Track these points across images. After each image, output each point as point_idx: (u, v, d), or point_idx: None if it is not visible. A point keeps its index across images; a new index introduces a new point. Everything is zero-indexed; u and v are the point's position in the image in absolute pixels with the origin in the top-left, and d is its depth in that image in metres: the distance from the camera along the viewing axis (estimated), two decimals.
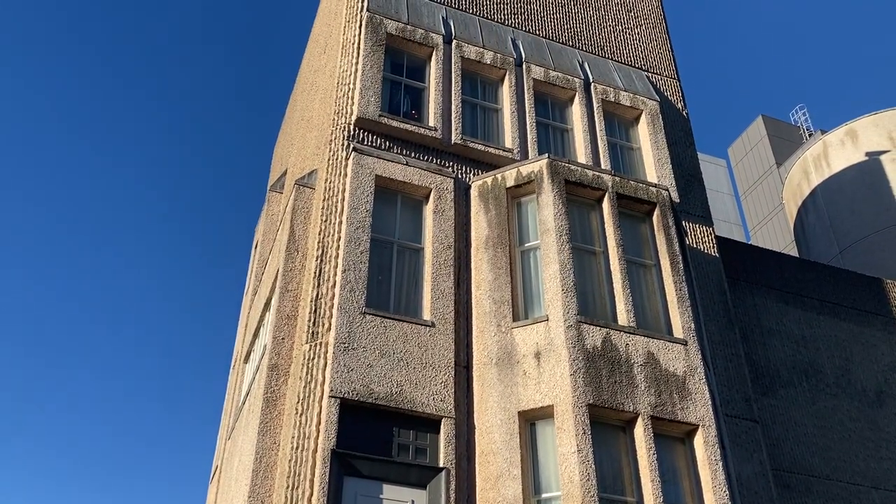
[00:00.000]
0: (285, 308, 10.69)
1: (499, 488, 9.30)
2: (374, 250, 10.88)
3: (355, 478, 9.09)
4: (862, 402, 14.59)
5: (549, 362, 9.93)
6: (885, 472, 13.79)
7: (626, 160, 13.93)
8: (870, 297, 16.27)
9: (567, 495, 8.96)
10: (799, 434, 13.62)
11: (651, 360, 10.25)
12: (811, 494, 12.96)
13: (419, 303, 10.77)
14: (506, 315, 10.61)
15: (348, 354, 9.75)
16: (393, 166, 11.58)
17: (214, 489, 13.70)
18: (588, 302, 10.70)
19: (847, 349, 15.22)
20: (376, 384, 9.67)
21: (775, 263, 15.91)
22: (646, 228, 11.82)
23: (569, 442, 9.26)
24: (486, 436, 9.78)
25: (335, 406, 9.32)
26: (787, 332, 14.91)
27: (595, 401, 9.61)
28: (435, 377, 10.04)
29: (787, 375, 14.33)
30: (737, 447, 11.35)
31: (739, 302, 14.81)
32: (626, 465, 9.54)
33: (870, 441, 14.08)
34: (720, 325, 12.78)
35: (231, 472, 11.53)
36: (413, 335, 10.26)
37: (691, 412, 10.00)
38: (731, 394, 11.97)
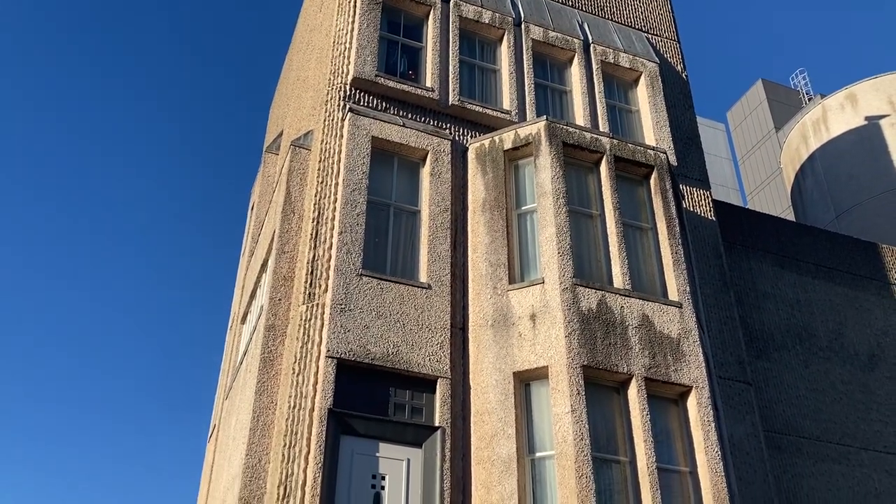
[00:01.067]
0: (282, 269, 10.70)
1: (493, 447, 9.42)
2: (371, 212, 10.86)
3: (352, 436, 9.20)
4: (854, 365, 14.73)
5: (545, 324, 9.98)
6: (874, 433, 13.98)
7: (624, 123, 13.85)
8: (865, 261, 16.32)
9: (560, 454, 9.08)
10: (791, 396, 13.76)
11: (646, 323, 10.31)
12: (801, 455, 13.14)
13: (416, 265, 10.79)
14: (502, 278, 10.64)
15: (345, 316, 9.79)
16: (389, 127, 11.51)
17: (212, 447, 13.85)
18: (584, 265, 10.72)
19: (841, 313, 15.31)
20: (373, 345, 9.72)
21: (772, 228, 15.93)
22: (643, 191, 11.80)
23: (563, 402, 9.36)
24: (482, 396, 9.87)
25: (332, 366, 9.39)
26: (781, 295, 14.99)
27: (589, 362, 9.68)
28: (431, 338, 10.10)
29: (780, 339, 14.44)
30: (730, 409, 11.48)
31: (735, 265, 14.86)
32: (619, 425, 9.65)
33: (861, 404, 14.24)
34: (715, 288, 12.83)
35: (229, 430, 11.65)
36: (409, 297, 10.29)
37: (685, 374, 10.09)
38: (725, 356, 12.07)
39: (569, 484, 8.84)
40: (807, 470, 13.03)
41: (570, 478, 8.86)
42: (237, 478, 9.34)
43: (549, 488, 9.14)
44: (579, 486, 8.80)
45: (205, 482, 13.88)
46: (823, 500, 12.83)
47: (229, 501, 9.66)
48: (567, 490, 8.82)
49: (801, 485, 12.81)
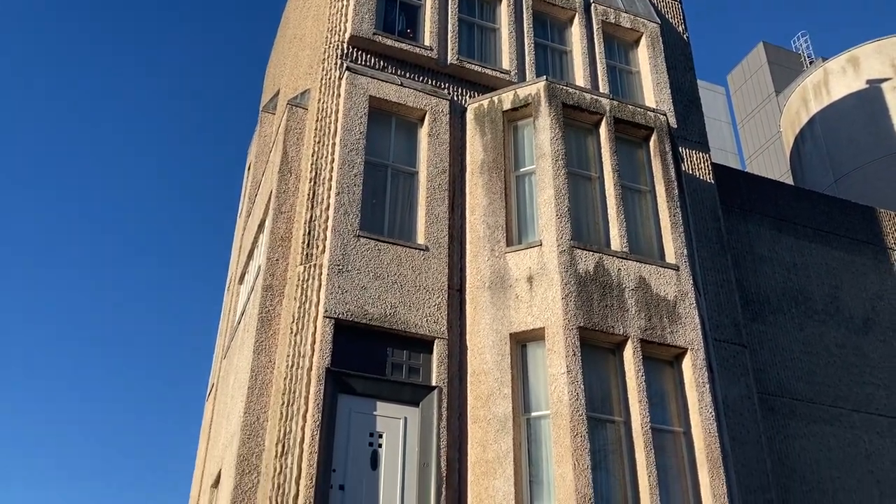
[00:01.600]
0: (279, 230, 10.69)
1: (489, 406, 9.51)
2: (368, 173, 10.82)
3: (349, 395, 9.27)
4: (849, 328, 14.83)
5: (542, 286, 10.01)
6: (866, 396, 14.13)
7: (624, 84, 13.73)
8: (862, 225, 16.34)
9: (556, 414, 9.17)
10: (785, 359, 13.87)
11: (643, 285, 10.34)
12: (794, 417, 13.29)
13: (413, 227, 10.78)
14: (499, 240, 10.63)
15: (342, 276, 9.80)
16: (387, 87, 11.40)
17: (211, 406, 13.97)
18: (582, 227, 10.71)
19: (837, 277, 15.37)
20: (370, 305, 9.75)
21: (770, 191, 15.91)
22: (642, 154, 11.74)
23: (559, 363, 9.43)
24: (478, 356, 9.93)
25: (330, 326, 9.43)
26: (778, 259, 15.02)
27: (586, 324, 9.73)
28: (428, 299, 10.13)
29: (776, 302, 14.51)
30: (724, 371, 11.58)
31: (733, 229, 14.86)
32: (614, 386, 9.73)
33: (854, 367, 14.37)
34: (713, 251, 12.85)
35: (227, 389, 11.74)
36: (407, 258, 10.30)
37: (680, 336, 10.15)
38: (720, 319, 12.13)
39: (564, 443, 8.95)
40: (799, 431, 13.19)
41: (566, 437, 8.96)
42: (236, 435, 9.44)
43: (545, 447, 9.25)
44: (574, 444, 8.90)
45: (203, 440, 14.03)
46: (814, 460, 13.01)
47: (228, 459, 9.77)
48: (562, 449, 8.93)
49: (793, 445, 12.98)
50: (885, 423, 13.95)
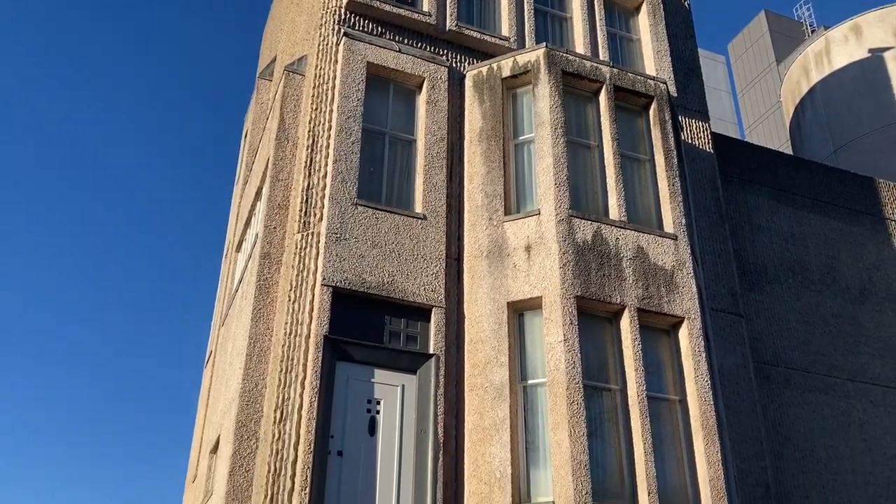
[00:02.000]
0: (276, 197, 10.64)
1: (486, 374, 9.56)
2: (366, 141, 10.75)
3: (347, 362, 9.31)
4: (845, 298, 14.88)
5: (540, 255, 10.01)
6: (861, 365, 14.22)
7: (624, 51, 13.60)
8: (861, 196, 16.32)
9: (552, 382, 9.22)
10: (782, 329, 13.94)
11: (640, 254, 10.34)
12: (789, 386, 13.39)
13: (411, 195, 10.74)
14: (498, 209, 10.60)
15: (340, 245, 9.78)
16: (385, 53, 11.28)
17: (209, 373, 14.03)
18: (580, 196, 10.68)
19: (834, 247, 15.38)
20: (368, 274, 9.75)
21: (769, 161, 15.86)
22: (642, 122, 11.67)
23: (556, 332, 9.46)
24: (476, 325, 9.96)
25: (327, 294, 9.43)
26: (776, 229, 15.02)
27: (583, 293, 9.74)
28: (426, 268, 10.13)
29: (773, 272, 14.53)
30: (721, 340, 11.63)
31: (731, 198, 14.84)
32: (611, 355, 9.78)
33: (849, 336, 14.44)
34: (711, 220, 12.84)
35: (225, 356, 11.78)
36: (405, 227, 10.27)
37: (677, 305, 10.18)
38: (717, 288, 12.16)
39: (560, 410, 9.01)
40: (793, 400, 13.29)
41: (562, 404, 9.02)
42: (234, 401, 9.49)
43: (541, 414, 9.32)
44: (570, 412, 8.97)
45: (202, 407, 14.11)
46: (808, 428, 13.13)
47: (227, 425, 9.83)
48: (558, 416, 8.99)
49: (787, 414, 13.09)
50: (879, 391, 14.06)
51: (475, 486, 9.03)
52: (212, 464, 11.05)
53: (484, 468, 9.06)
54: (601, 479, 8.94)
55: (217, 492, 9.46)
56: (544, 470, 9.01)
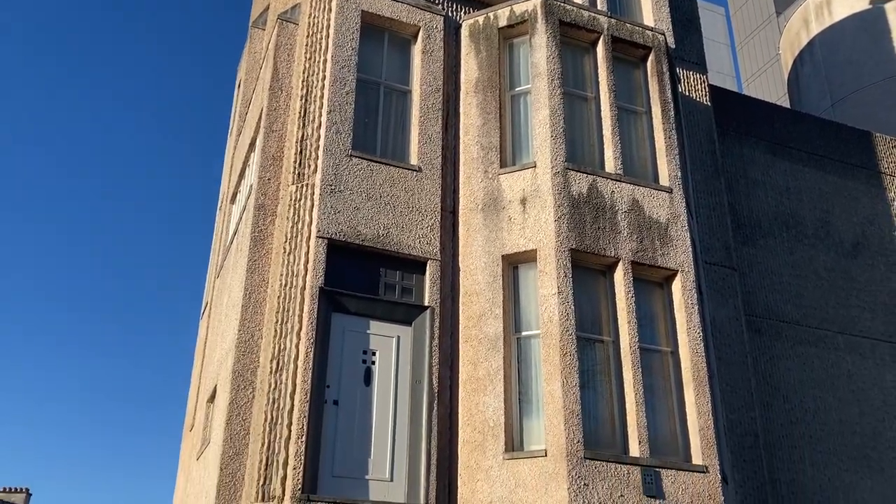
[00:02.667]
0: (270, 148, 10.57)
1: (481, 326, 9.63)
2: (360, 91, 10.64)
3: (343, 314, 9.36)
4: (838, 252, 14.95)
5: (535, 208, 10.00)
6: (852, 318, 14.36)
7: (622, 1, 13.38)
8: (857, 150, 16.28)
9: (546, 333, 9.30)
10: (774, 282, 14.03)
11: (635, 207, 10.34)
12: (780, 339, 13.54)
13: (406, 147, 10.68)
14: (493, 161, 10.56)
15: (335, 196, 9.76)
16: (380, 1, 11.09)
17: (205, 324, 14.11)
18: (576, 148, 10.63)
19: (829, 201, 15.40)
20: (363, 226, 9.75)
21: (766, 114, 15.76)
22: (639, 74, 11.56)
23: (550, 284, 9.50)
24: (471, 277, 10.00)
25: (322, 246, 9.44)
26: (772, 183, 15.01)
27: (577, 246, 9.77)
28: (421, 221, 10.12)
29: (767, 226, 14.57)
30: (714, 293, 11.71)
31: (727, 152, 14.79)
32: (604, 307, 9.85)
33: (841, 290, 14.55)
34: (706, 174, 12.81)
35: (221, 307, 11.83)
36: (400, 179, 10.24)
37: (671, 258, 10.22)
38: (711, 242, 12.20)
39: (553, 361, 9.11)
40: (784, 352, 13.45)
41: (555, 355, 9.12)
42: (230, 352, 9.56)
43: (534, 366, 9.42)
44: (563, 363, 9.07)
45: (198, 357, 14.22)
46: (798, 380, 13.32)
47: (223, 374, 9.92)
48: (551, 367, 9.09)
49: (778, 366, 13.26)
50: (868, 344, 14.23)
51: (469, 434, 9.18)
52: (209, 413, 11.18)
53: (478, 417, 9.20)
54: (593, 428, 9.08)
55: (214, 440, 9.59)
56: (537, 420, 9.15)
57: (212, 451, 9.63)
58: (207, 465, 9.80)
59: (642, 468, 8.80)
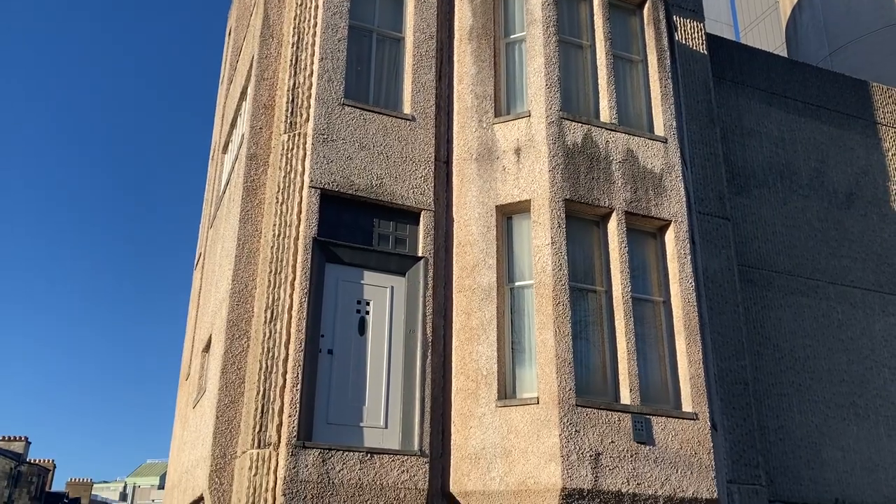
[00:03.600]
0: (262, 97, 10.44)
1: (475, 276, 9.66)
2: (353, 38, 10.46)
3: (337, 264, 9.37)
4: (832, 203, 14.97)
5: (529, 158, 9.94)
6: (843, 269, 14.45)
7: None
8: (854, 99, 16.17)
9: (539, 283, 9.34)
10: (767, 232, 14.07)
11: (630, 157, 10.29)
12: (772, 289, 13.63)
13: (399, 95, 10.56)
14: (487, 110, 10.46)
15: (327, 146, 9.68)
16: None
17: (199, 275, 14.12)
18: (572, 97, 10.53)
19: (824, 152, 15.36)
20: (356, 176, 9.69)
21: (763, 63, 15.60)
22: (635, 22, 11.39)
23: (543, 234, 9.51)
24: (464, 228, 9.99)
25: (315, 196, 9.40)
26: (766, 133, 14.94)
27: (572, 196, 9.75)
28: (415, 171, 10.07)
29: (762, 176, 14.55)
30: (707, 243, 11.74)
31: (723, 101, 14.68)
32: (597, 257, 9.87)
33: (833, 241, 14.61)
34: (701, 123, 12.73)
35: (214, 258, 11.82)
36: (393, 128, 10.15)
37: (665, 208, 10.22)
38: (705, 192, 12.19)
39: (546, 311, 9.16)
40: (776, 302, 13.56)
41: (548, 305, 9.17)
42: (224, 302, 9.59)
43: (527, 316, 9.48)
44: (556, 312, 9.12)
45: (192, 307, 14.27)
46: (789, 330, 13.45)
47: (218, 324, 9.97)
48: (544, 316, 9.15)
49: (769, 316, 13.38)
50: (859, 294, 14.35)
51: (462, 382, 9.28)
52: (204, 362, 11.26)
53: (471, 366, 9.28)
54: (584, 377, 9.18)
55: (210, 388, 9.68)
56: (529, 368, 9.24)
57: (208, 400, 9.73)
58: (204, 413, 9.91)
59: (633, 415, 8.94)
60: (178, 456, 12.51)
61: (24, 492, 51.22)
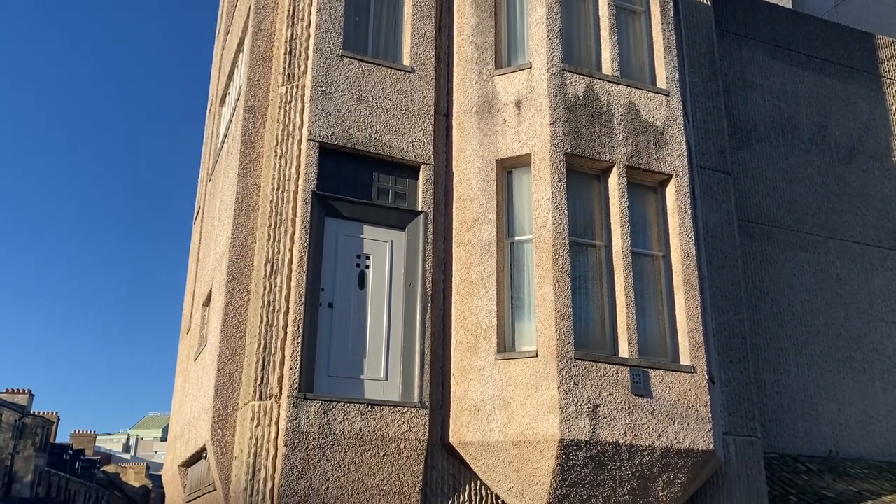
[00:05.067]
0: (259, 48, 10.28)
1: (474, 231, 9.65)
2: None
3: (336, 218, 9.35)
4: (833, 157, 14.89)
5: (530, 111, 9.85)
6: (843, 223, 14.44)
7: None
8: (859, 52, 15.96)
9: (539, 238, 9.33)
10: (768, 187, 14.02)
11: (632, 110, 10.20)
12: (771, 243, 13.64)
13: (398, 47, 10.41)
14: (488, 62, 10.33)
15: (326, 98, 9.57)
16: None
17: (198, 229, 14.09)
18: (573, 49, 10.39)
19: (827, 105, 15.22)
20: (355, 129, 9.61)
21: (767, 15, 15.36)
22: None
23: (544, 189, 9.47)
24: (464, 182, 9.95)
25: (314, 149, 9.33)
26: (769, 86, 14.79)
27: (573, 150, 9.68)
28: (414, 124, 9.98)
29: (764, 130, 14.44)
30: (707, 197, 11.70)
31: (726, 54, 14.49)
32: (598, 212, 9.84)
33: (834, 195, 14.57)
34: (704, 76, 12.58)
35: (213, 211, 11.78)
36: (392, 81, 10.03)
37: (666, 162, 10.16)
38: (707, 146, 12.11)
39: (545, 265, 9.17)
40: (775, 257, 13.58)
41: (547, 260, 9.18)
42: (224, 256, 9.59)
43: (527, 270, 9.49)
44: (555, 267, 9.13)
45: (192, 261, 14.27)
46: (787, 285, 13.50)
47: (218, 278, 9.98)
48: (543, 271, 9.16)
49: (768, 270, 13.41)
50: (858, 249, 14.36)
51: (462, 336, 9.33)
52: (205, 316, 11.31)
53: (470, 320, 9.33)
54: (583, 331, 9.24)
55: (211, 342, 9.73)
56: (529, 322, 9.29)
57: (209, 353, 9.79)
58: (205, 366, 9.99)
59: (631, 368, 9.01)
60: (180, 408, 12.64)
61: (28, 443, 51.96)
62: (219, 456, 8.61)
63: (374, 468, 8.48)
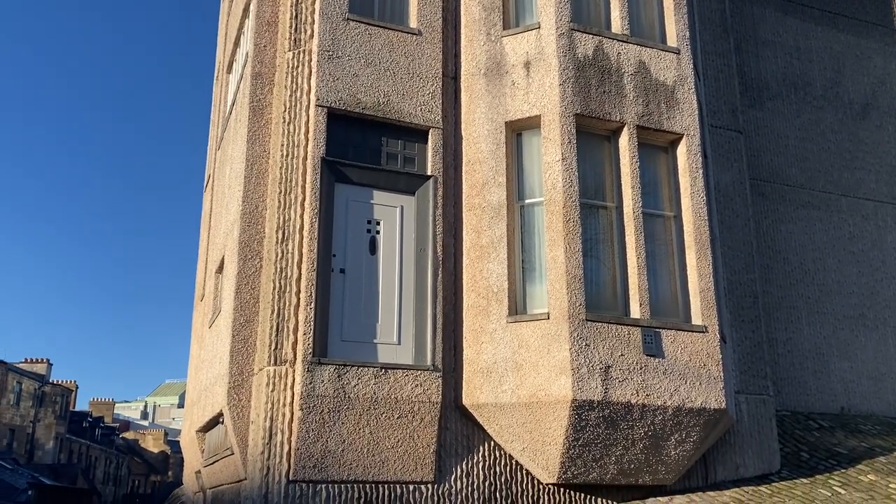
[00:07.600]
0: (265, 13, 10.20)
1: (484, 195, 9.63)
2: None
3: (346, 184, 9.35)
4: (846, 114, 14.70)
5: (539, 72, 9.75)
6: (856, 181, 14.32)
7: None
8: (873, 6, 15.66)
9: (549, 200, 9.31)
10: (780, 145, 13.89)
11: (642, 69, 10.08)
12: (784, 202, 13.55)
13: (405, 9, 10.30)
14: (496, 22, 10.21)
15: (333, 63, 9.51)
16: None
17: (209, 197, 14.13)
18: (582, 8, 10.25)
19: (840, 61, 14.99)
20: (363, 94, 9.56)
21: None
22: None
23: (554, 151, 9.41)
24: (473, 146, 9.90)
25: (322, 115, 9.30)
26: (781, 43, 14.56)
27: (582, 111, 9.60)
28: (422, 88, 9.91)
29: (776, 88, 14.26)
30: (719, 156, 11.61)
31: (737, 11, 14.26)
32: (608, 173, 9.79)
33: (847, 152, 14.42)
34: (715, 34, 12.40)
35: (223, 179, 11.80)
36: (399, 44, 9.94)
37: (677, 122, 10.07)
38: (718, 104, 11.98)
39: (556, 228, 9.16)
40: (787, 216, 13.50)
41: (558, 222, 9.16)
42: (236, 223, 9.62)
43: (537, 233, 9.48)
44: (566, 229, 9.12)
45: (204, 230, 14.34)
46: (799, 243, 13.44)
47: (230, 245, 10.03)
48: (554, 233, 9.15)
49: (780, 229, 13.34)
50: (871, 206, 14.26)
51: (473, 299, 9.37)
52: (218, 283, 11.39)
53: (482, 283, 9.36)
54: (595, 292, 9.25)
55: (225, 309, 9.82)
56: (540, 285, 9.31)
57: (223, 320, 9.88)
58: (220, 333, 10.09)
59: (643, 329, 9.04)
60: (196, 375, 12.80)
61: (49, 411, 52.80)
62: (235, 420, 8.74)
63: (388, 430, 8.59)
